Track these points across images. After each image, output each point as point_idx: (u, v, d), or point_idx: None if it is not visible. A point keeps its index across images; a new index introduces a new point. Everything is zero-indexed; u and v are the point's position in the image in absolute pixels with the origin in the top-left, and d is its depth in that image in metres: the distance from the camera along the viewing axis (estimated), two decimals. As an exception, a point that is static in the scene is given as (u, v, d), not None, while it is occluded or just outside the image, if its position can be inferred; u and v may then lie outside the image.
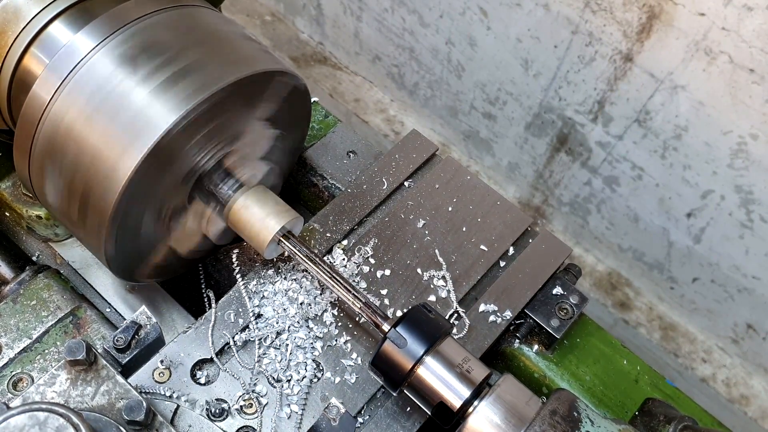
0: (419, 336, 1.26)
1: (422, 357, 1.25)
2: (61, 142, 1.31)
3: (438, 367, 1.26)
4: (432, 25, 2.63)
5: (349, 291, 1.37)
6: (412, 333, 1.26)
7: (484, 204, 1.70)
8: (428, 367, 1.26)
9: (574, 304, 1.60)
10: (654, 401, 1.48)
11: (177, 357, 1.40)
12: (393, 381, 1.28)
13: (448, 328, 1.31)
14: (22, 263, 1.68)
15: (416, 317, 1.28)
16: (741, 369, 2.56)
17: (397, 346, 1.25)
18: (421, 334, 1.26)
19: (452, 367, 1.26)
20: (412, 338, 1.26)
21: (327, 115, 1.93)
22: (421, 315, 1.29)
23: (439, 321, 1.30)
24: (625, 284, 2.74)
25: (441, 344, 1.28)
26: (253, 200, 1.44)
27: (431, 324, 1.28)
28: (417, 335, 1.26)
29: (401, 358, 1.25)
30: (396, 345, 1.25)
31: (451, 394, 1.25)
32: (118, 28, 1.33)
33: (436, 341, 1.27)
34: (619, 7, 2.04)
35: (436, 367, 1.26)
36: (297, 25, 3.30)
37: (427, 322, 1.28)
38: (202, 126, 1.32)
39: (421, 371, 1.26)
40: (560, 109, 2.44)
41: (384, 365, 1.27)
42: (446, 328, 1.30)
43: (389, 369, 1.27)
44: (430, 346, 1.26)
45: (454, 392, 1.25)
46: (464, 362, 1.27)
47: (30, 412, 1.00)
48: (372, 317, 1.34)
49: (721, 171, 2.14)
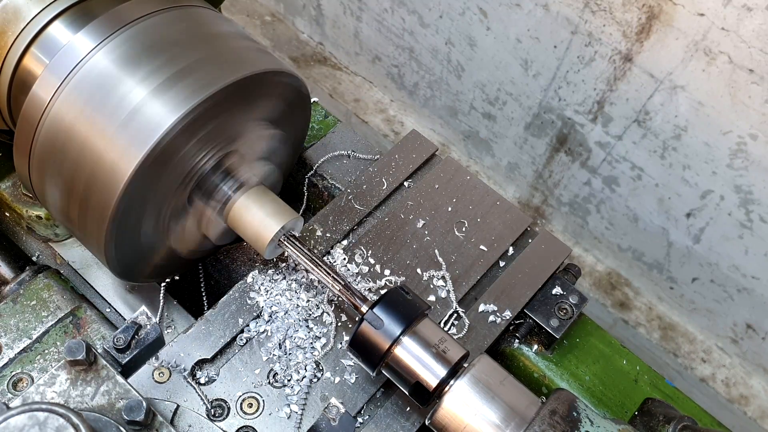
0: (396, 317, 1.28)
1: (399, 337, 1.27)
2: (61, 142, 1.31)
3: (414, 347, 1.28)
4: (432, 25, 2.63)
5: (329, 274, 1.39)
6: (389, 314, 1.28)
7: (484, 204, 1.70)
8: (405, 347, 1.28)
9: (574, 304, 1.61)
10: (653, 401, 1.48)
11: (177, 357, 1.40)
12: (371, 361, 1.30)
13: (425, 309, 1.32)
14: (22, 263, 1.68)
15: (393, 298, 1.30)
16: (740, 369, 2.57)
17: (374, 327, 1.27)
18: (398, 314, 1.28)
19: (429, 347, 1.28)
20: (389, 319, 1.28)
21: (327, 115, 1.93)
22: (398, 296, 1.31)
23: (416, 302, 1.32)
24: (625, 284, 2.74)
25: (418, 325, 1.30)
26: (253, 200, 1.45)
27: (408, 305, 1.30)
28: (394, 316, 1.28)
29: (378, 339, 1.27)
30: (373, 326, 1.27)
31: (428, 374, 1.26)
32: (118, 29, 1.33)
33: (413, 321, 1.29)
34: (619, 7, 2.04)
35: (412, 347, 1.28)
36: (297, 25, 3.30)
37: (404, 303, 1.30)
38: (201, 126, 1.32)
39: (398, 351, 1.28)
40: (560, 110, 2.44)
41: (361, 346, 1.29)
42: (423, 308, 1.32)
43: (367, 350, 1.29)
44: (406, 327, 1.28)
45: (431, 371, 1.26)
46: (440, 342, 1.29)
47: (30, 412, 1.00)
48: (351, 299, 1.35)
49: (720, 171, 2.14)
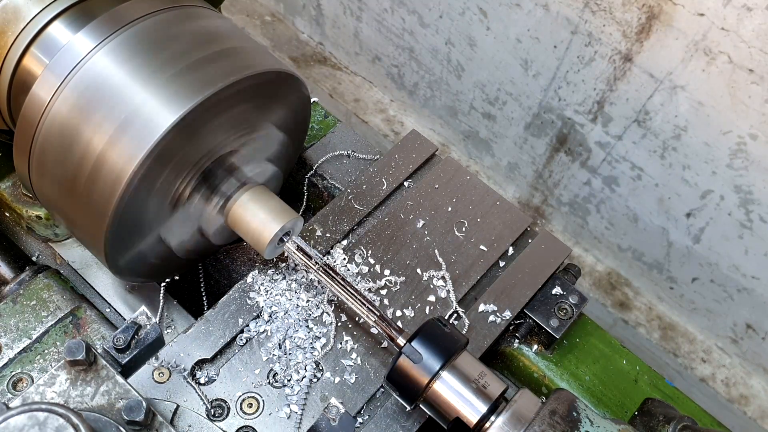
0: (435, 351, 1.24)
1: (438, 372, 1.24)
2: (61, 142, 1.31)
3: (454, 382, 1.24)
4: (432, 25, 2.63)
5: (363, 304, 1.36)
6: (427, 347, 1.25)
7: (484, 204, 1.70)
8: (444, 382, 1.24)
9: (574, 304, 1.61)
10: (653, 401, 1.48)
11: (177, 357, 1.40)
12: (408, 396, 1.27)
13: (463, 342, 1.29)
14: (22, 263, 1.68)
15: (431, 331, 1.27)
16: (740, 369, 2.57)
17: (413, 361, 1.24)
18: (437, 348, 1.25)
19: (468, 382, 1.24)
20: (427, 353, 1.24)
21: (327, 115, 1.93)
22: (436, 329, 1.27)
23: (454, 335, 1.28)
24: (625, 284, 2.74)
25: (457, 359, 1.27)
26: (253, 200, 1.45)
27: (446, 338, 1.27)
28: (432, 350, 1.24)
29: (417, 374, 1.24)
30: (411, 360, 1.24)
31: (468, 410, 1.23)
32: (118, 29, 1.33)
33: (452, 356, 1.26)
34: (619, 7, 2.04)
35: (452, 382, 1.24)
36: (297, 25, 3.30)
37: (442, 336, 1.27)
38: (203, 126, 1.32)
39: (437, 386, 1.24)
40: (560, 110, 2.44)
41: (399, 380, 1.26)
42: (461, 342, 1.29)
43: (405, 384, 1.26)
44: (446, 361, 1.24)
45: (471, 407, 1.23)
46: (480, 377, 1.25)
47: (30, 413, 1.00)
48: (387, 330, 1.33)
49: (720, 171, 2.14)
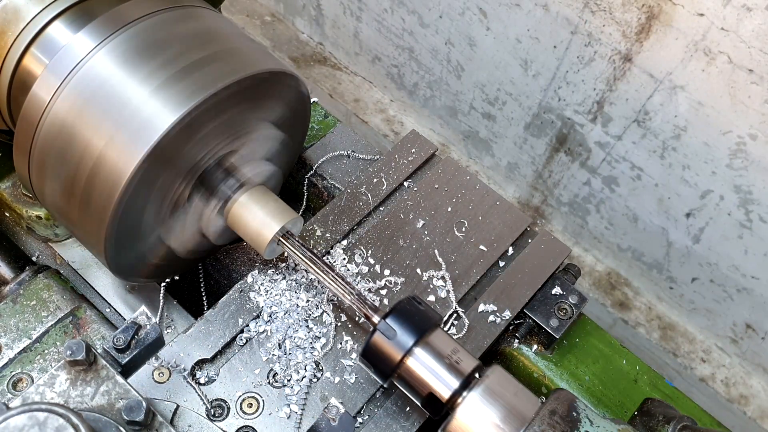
0: (409, 327, 1.27)
1: (411, 348, 1.26)
2: (61, 142, 1.31)
3: (427, 358, 1.27)
4: (431, 25, 2.63)
5: (340, 285, 1.38)
6: (401, 324, 1.27)
7: (484, 204, 1.70)
8: (417, 358, 1.27)
9: (573, 304, 1.61)
10: (653, 401, 1.48)
11: (177, 357, 1.40)
12: (382, 372, 1.29)
13: (437, 320, 1.32)
14: (22, 263, 1.68)
15: (406, 309, 1.30)
16: (740, 369, 2.57)
17: (387, 337, 1.27)
18: (411, 325, 1.27)
19: (441, 358, 1.27)
20: (401, 330, 1.27)
21: (327, 115, 1.93)
22: (410, 307, 1.30)
23: (428, 312, 1.31)
24: (624, 284, 2.74)
25: (430, 335, 1.29)
26: (253, 200, 1.45)
27: (421, 315, 1.30)
28: (407, 327, 1.27)
29: (390, 350, 1.26)
30: (386, 336, 1.27)
31: (440, 385, 1.25)
32: (118, 29, 1.33)
33: (426, 332, 1.28)
34: (618, 7, 2.04)
35: (425, 358, 1.27)
36: (297, 25, 3.31)
37: (416, 313, 1.29)
38: (202, 126, 1.32)
39: (411, 362, 1.27)
40: (559, 110, 2.44)
41: (373, 356, 1.29)
42: (435, 319, 1.31)
43: (379, 360, 1.28)
44: (419, 338, 1.27)
45: (443, 383, 1.25)
46: (453, 353, 1.28)
47: (30, 413, 1.00)
48: (363, 309, 1.35)
49: (720, 171, 2.14)
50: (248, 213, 1.44)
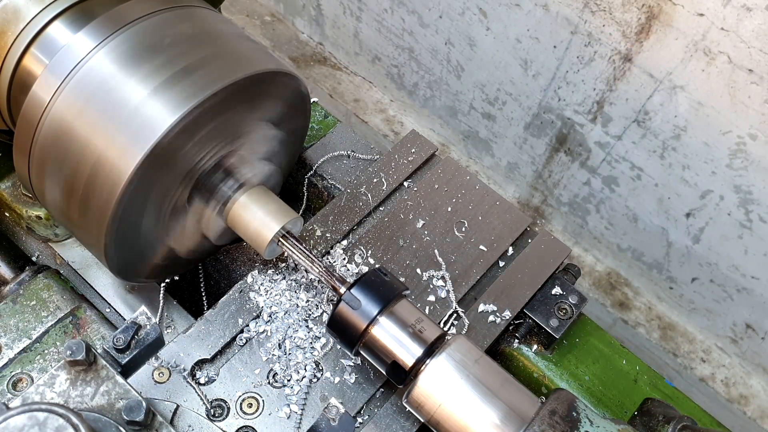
0: (374, 297, 1.29)
1: (376, 317, 1.28)
2: (61, 142, 1.31)
3: (391, 327, 1.29)
4: (431, 25, 2.63)
5: (308, 257, 1.40)
6: (366, 295, 1.29)
7: (484, 204, 1.70)
8: (382, 327, 1.29)
9: (573, 304, 1.61)
10: (653, 401, 1.48)
11: (177, 357, 1.40)
12: (348, 342, 1.31)
13: (402, 290, 1.34)
14: (22, 263, 1.68)
15: (371, 280, 1.32)
16: (740, 369, 2.57)
17: (352, 307, 1.29)
18: (376, 295, 1.29)
19: (405, 326, 1.29)
20: (366, 300, 1.29)
21: (327, 115, 1.93)
22: (375, 278, 1.32)
23: (393, 283, 1.33)
24: (624, 284, 2.74)
25: (395, 305, 1.31)
26: (253, 200, 1.45)
27: (386, 286, 1.31)
28: (371, 297, 1.29)
29: (355, 319, 1.29)
30: (350, 306, 1.28)
31: (404, 353, 1.27)
32: (118, 29, 1.33)
33: (390, 302, 1.30)
34: (618, 7, 2.04)
35: (389, 327, 1.29)
36: (297, 25, 3.31)
37: (381, 284, 1.31)
38: (202, 126, 1.32)
39: (375, 331, 1.29)
40: (559, 110, 2.44)
41: (339, 327, 1.31)
42: (401, 289, 1.33)
43: (344, 330, 1.30)
44: (383, 307, 1.29)
45: (407, 351, 1.27)
46: (417, 322, 1.30)
47: (29, 413, 1.00)
48: (330, 281, 1.36)
49: (720, 171, 2.14)
50: (248, 213, 1.44)
